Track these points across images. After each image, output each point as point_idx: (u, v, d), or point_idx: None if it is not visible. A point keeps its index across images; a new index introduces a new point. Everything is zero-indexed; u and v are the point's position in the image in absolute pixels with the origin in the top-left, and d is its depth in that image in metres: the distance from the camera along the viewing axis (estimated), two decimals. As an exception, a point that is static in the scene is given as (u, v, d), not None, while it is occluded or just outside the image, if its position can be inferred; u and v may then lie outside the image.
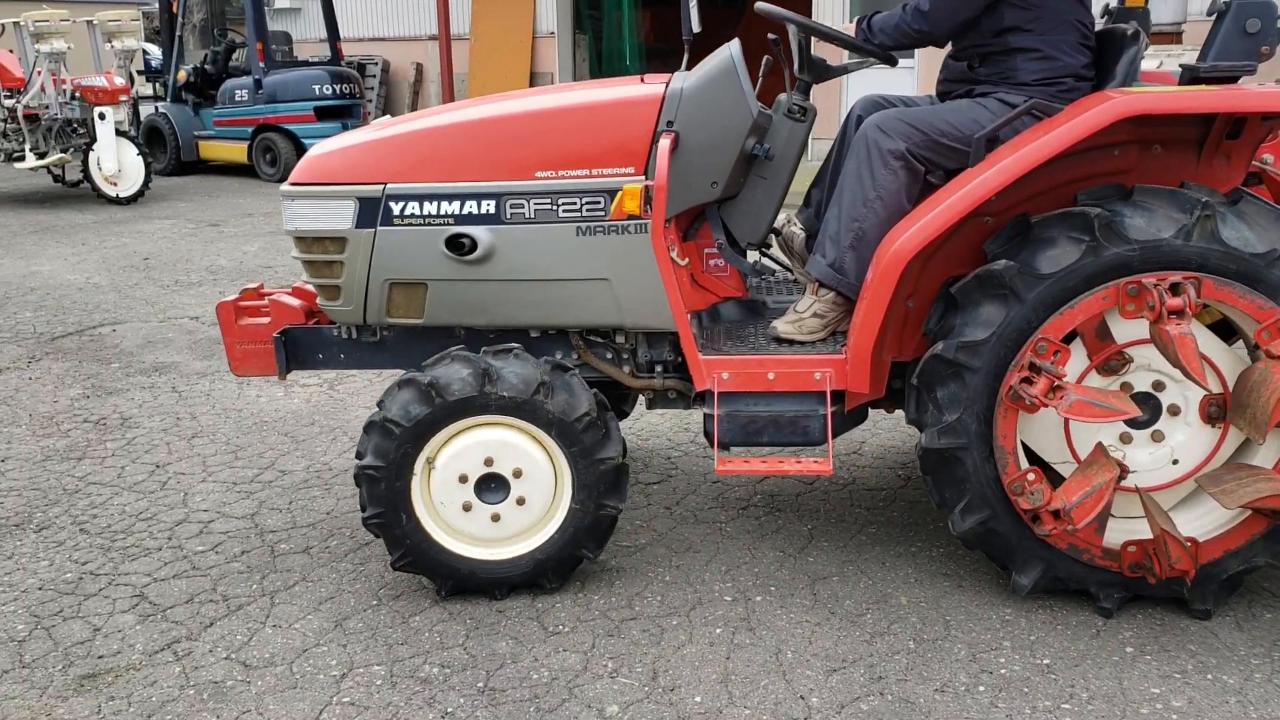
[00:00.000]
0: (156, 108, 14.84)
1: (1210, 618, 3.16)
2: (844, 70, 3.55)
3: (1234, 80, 3.03)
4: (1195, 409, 3.09)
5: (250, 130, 13.76)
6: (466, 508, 3.28)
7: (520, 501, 3.29)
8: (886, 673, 2.97)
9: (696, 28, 3.71)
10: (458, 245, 3.32)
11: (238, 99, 13.92)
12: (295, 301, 3.74)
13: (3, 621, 3.30)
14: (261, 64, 13.69)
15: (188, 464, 4.54)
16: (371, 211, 3.36)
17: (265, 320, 3.72)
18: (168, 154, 14.51)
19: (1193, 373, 2.80)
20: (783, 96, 3.42)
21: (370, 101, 17.06)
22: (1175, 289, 2.87)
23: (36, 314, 7.23)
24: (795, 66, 3.45)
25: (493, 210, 3.30)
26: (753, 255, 3.80)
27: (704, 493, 4.17)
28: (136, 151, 12.22)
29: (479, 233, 3.31)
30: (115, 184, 12.10)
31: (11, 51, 12.45)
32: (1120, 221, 2.94)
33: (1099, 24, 3.43)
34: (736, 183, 3.40)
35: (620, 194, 3.18)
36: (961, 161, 3.18)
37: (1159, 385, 3.10)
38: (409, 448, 3.21)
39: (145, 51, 17.31)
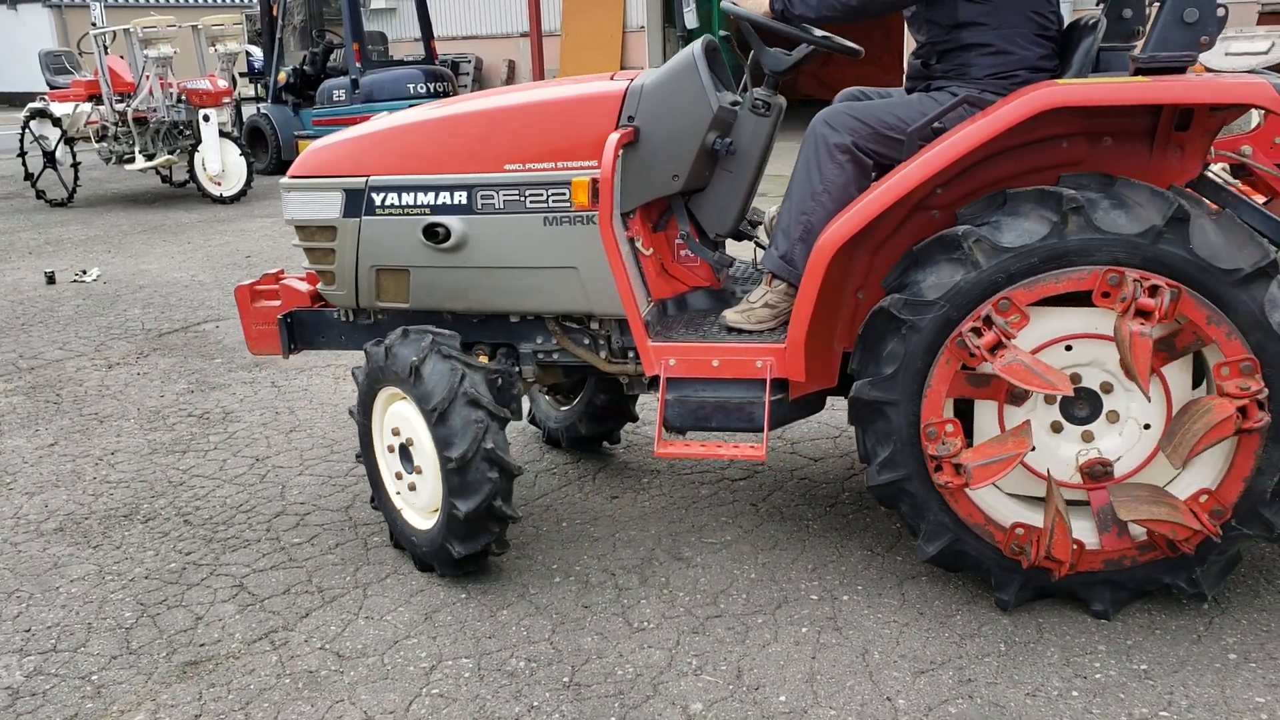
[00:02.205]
0: (258, 109, 15.24)
1: (1272, 533, 2.99)
2: (792, 64, 3.46)
3: (1181, 70, 2.92)
4: (1123, 376, 3.01)
5: (348, 129, 14.04)
6: (397, 476, 3.60)
7: (413, 484, 3.53)
8: (976, 675, 2.92)
9: (692, 23, 3.80)
10: (433, 234, 3.50)
11: (335, 99, 14.21)
12: (304, 286, 4.00)
13: (112, 609, 3.44)
14: (358, 64, 13.95)
15: (286, 457, 4.67)
16: (356, 202, 3.61)
17: (277, 303, 4.01)
18: (269, 154, 14.89)
19: (1040, 389, 2.87)
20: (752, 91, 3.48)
21: (463, 99, 17.26)
22: (988, 323, 2.92)
23: (145, 311, 7.50)
24: (757, 61, 3.49)
25: (465, 201, 3.48)
26: (743, 246, 3.88)
27: (790, 489, 4.14)
28: (239, 152, 12.58)
29: (452, 222, 3.48)
30: (219, 184, 12.48)
31: (122, 57, 12.91)
32: (987, 240, 2.93)
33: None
34: (702, 176, 3.49)
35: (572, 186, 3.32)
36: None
37: (1076, 378, 3.05)
38: (367, 396, 3.60)
39: (248, 54, 17.79)
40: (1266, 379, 2.85)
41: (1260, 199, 3.50)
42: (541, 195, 3.40)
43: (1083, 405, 3.07)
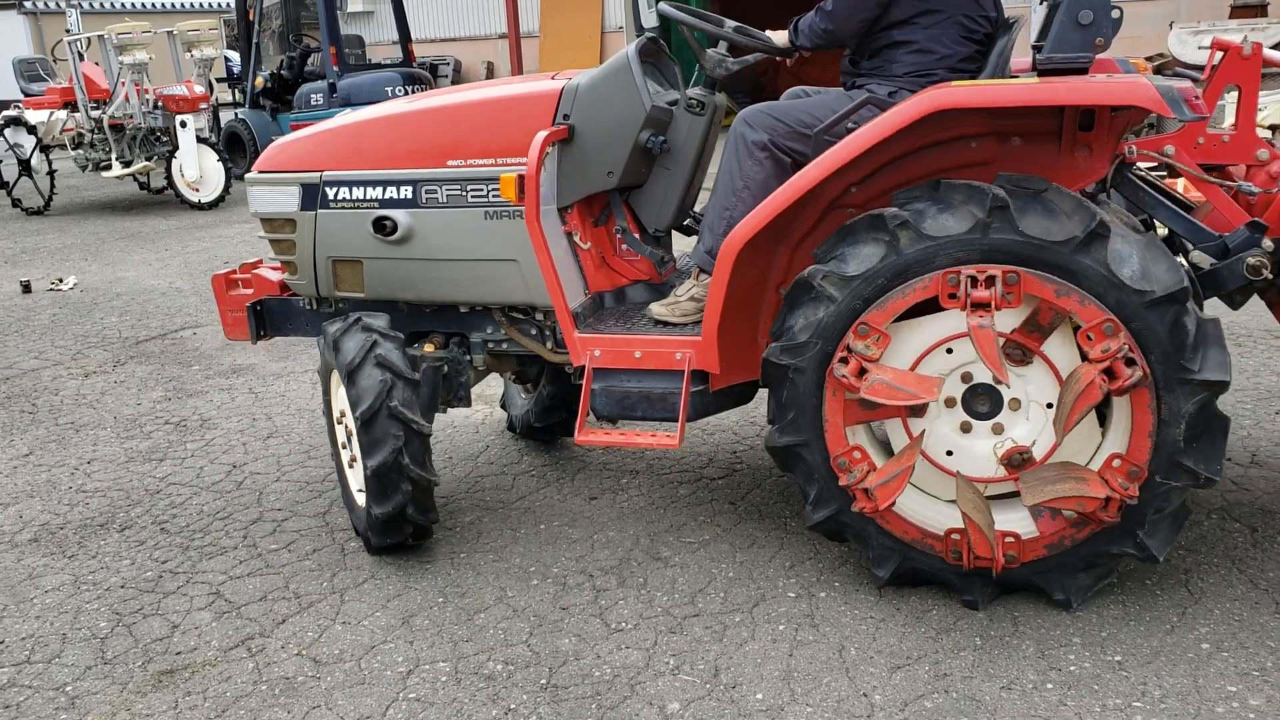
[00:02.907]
0: (236, 114, 15.18)
1: (1199, 479, 2.96)
2: (722, 69, 3.59)
3: (1080, 71, 2.98)
4: (1009, 365, 3.07)
5: (326, 134, 13.95)
6: (350, 465, 3.78)
7: (352, 459, 3.70)
8: (951, 670, 2.93)
9: (651, 22, 3.93)
10: (381, 226, 3.66)
11: (313, 103, 14.16)
12: (275, 275, 4.17)
13: (87, 619, 3.42)
14: (335, 68, 13.90)
15: (263, 464, 4.65)
16: (312, 196, 3.79)
17: (250, 291, 4.18)
18: (247, 159, 14.81)
19: (905, 401, 2.97)
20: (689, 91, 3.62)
21: (442, 101, 17.19)
22: (850, 351, 3.04)
23: (122, 319, 7.46)
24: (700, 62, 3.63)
25: (410, 195, 3.63)
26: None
27: (769, 487, 4.15)
28: (217, 157, 12.54)
29: (399, 215, 3.64)
30: (197, 190, 12.44)
31: (97, 64, 12.84)
32: (834, 273, 3.05)
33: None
34: (639, 173, 3.62)
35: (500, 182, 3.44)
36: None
37: (968, 376, 3.12)
38: (326, 394, 3.85)
39: (227, 59, 17.72)
40: (1136, 333, 2.87)
41: (1200, 197, 3.52)
42: (482, 190, 3.53)
43: (983, 400, 3.12)
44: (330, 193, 3.75)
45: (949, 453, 3.16)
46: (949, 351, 3.09)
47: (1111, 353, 2.85)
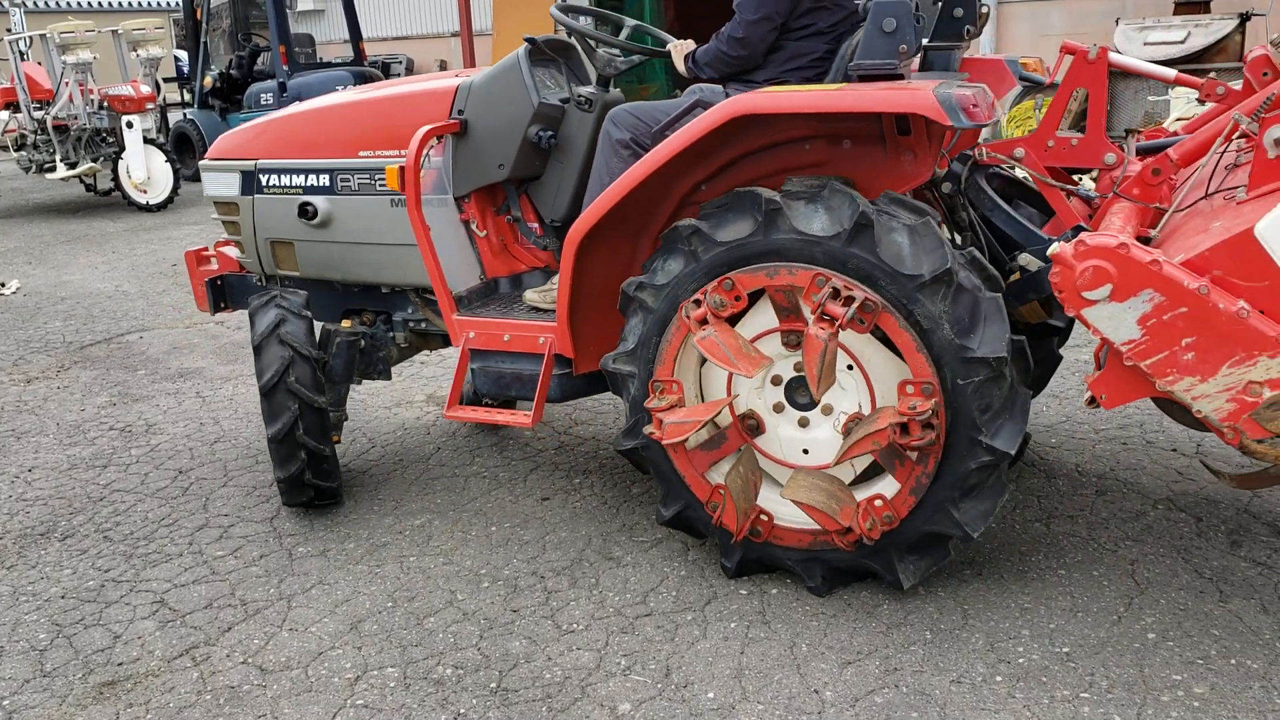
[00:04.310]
0: (185, 114, 14.94)
1: (993, 360, 2.90)
2: (611, 68, 3.79)
3: (893, 77, 3.07)
4: (784, 350, 3.21)
5: (276, 133, 13.77)
6: None
7: None
8: (902, 664, 2.93)
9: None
10: (304, 212, 3.94)
11: (263, 102, 13.93)
12: (236, 254, 4.43)
13: (25, 631, 3.34)
14: (285, 67, 13.70)
15: (209, 469, 4.58)
16: (249, 182, 4.11)
17: (216, 267, 4.55)
18: (196, 160, 14.56)
19: (695, 430, 3.17)
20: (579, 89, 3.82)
21: (395, 100, 17.03)
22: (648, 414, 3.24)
23: (66, 323, 7.32)
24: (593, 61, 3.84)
25: (327, 183, 3.92)
26: None
27: (721, 485, 4.14)
28: (165, 158, 12.33)
29: (318, 202, 3.93)
30: (145, 191, 12.22)
31: (40, 64, 12.60)
32: (622, 354, 3.32)
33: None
34: (533, 166, 3.82)
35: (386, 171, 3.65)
36: None
37: (778, 379, 3.26)
38: None
39: (177, 58, 17.44)
40: (853, 271, 2.96)
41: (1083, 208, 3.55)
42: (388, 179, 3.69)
43: (802, 392, 3.23)
44: (264, 179, 4.05)
45: (805, 451, 3.24)
46: None
47: (817, 303, 2.95)
